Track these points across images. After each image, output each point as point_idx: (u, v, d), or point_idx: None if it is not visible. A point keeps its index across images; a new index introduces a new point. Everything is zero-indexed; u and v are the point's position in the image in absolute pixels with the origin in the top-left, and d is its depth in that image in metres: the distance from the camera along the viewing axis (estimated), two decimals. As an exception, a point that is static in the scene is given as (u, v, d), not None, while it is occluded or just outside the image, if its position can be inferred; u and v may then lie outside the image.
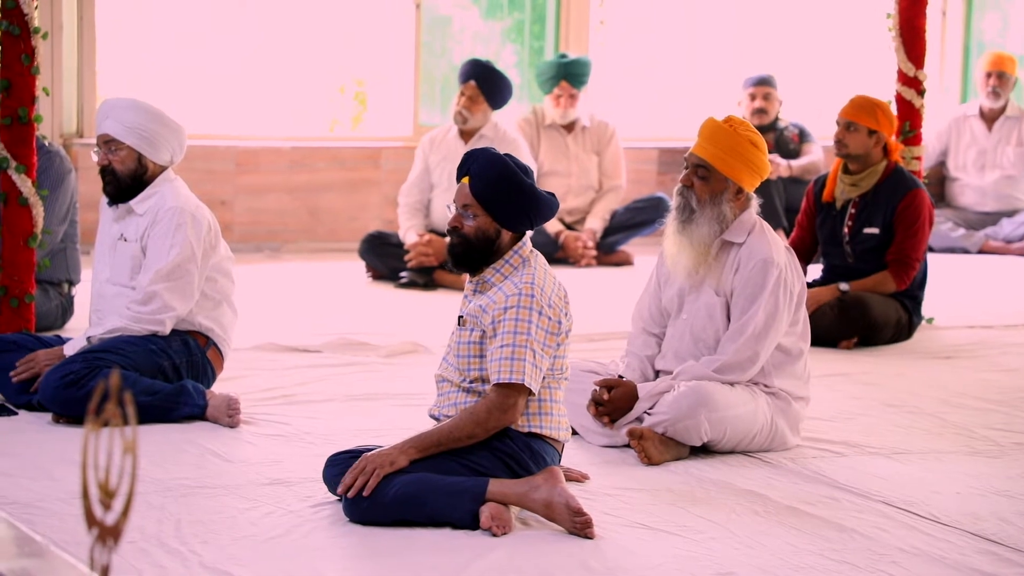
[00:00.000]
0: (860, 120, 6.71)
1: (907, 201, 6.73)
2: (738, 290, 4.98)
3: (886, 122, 6.75)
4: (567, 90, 9.09)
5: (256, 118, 9.80)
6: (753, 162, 5.00)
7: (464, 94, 8.36)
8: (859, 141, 6.74)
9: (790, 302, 5.01)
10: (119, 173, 5.32)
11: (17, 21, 5.91)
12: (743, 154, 4.99)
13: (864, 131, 6.73)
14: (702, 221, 4.99)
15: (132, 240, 5.34)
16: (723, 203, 4.99)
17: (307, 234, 9.50)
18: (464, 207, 4.34)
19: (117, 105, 5.35)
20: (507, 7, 10.36)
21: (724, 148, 4.98)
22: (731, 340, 4.96)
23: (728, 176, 4.99)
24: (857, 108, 6.74)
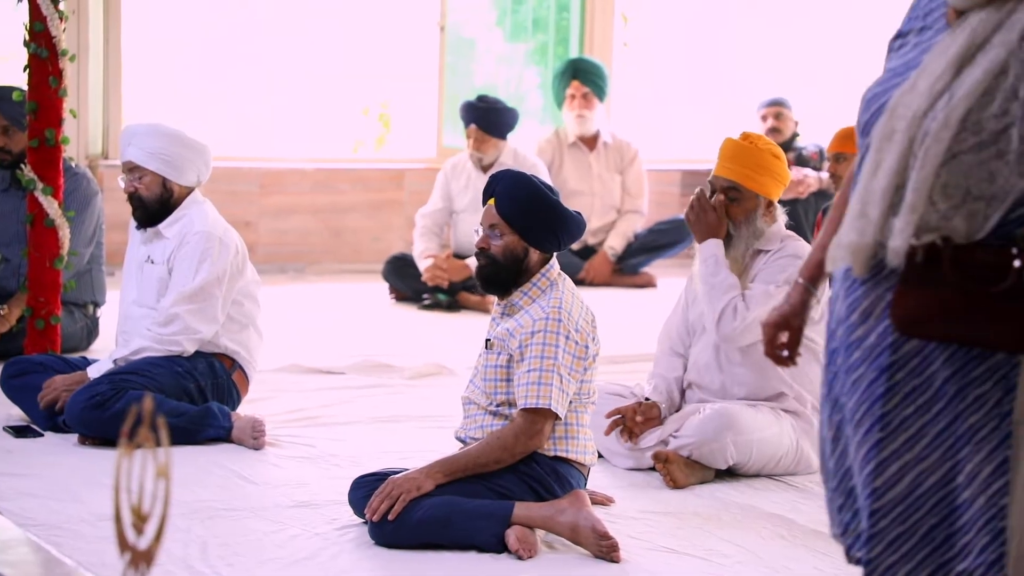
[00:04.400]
0: (848, 150, 6.69)
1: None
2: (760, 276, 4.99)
3: (858, 146, 6.72)
4: (579, 89, 9.10)
5: (280, 139, 9.83)
6: (777, 173, 5.05)
7: (470, 136, 8.41)
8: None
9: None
10: (145, 199, 5.33)
11: (45, 44, 5.94)
12: (768, 167, 5.01)
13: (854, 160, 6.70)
14: (739, 242, 5.03)
15: (159, 262, 5.36)
16: (757, 220, 5.02)
17: (331, 255, 9.52)
18: (491, 227, 4.35)
19: (138, 131, 5.37)
20: (531, 29, 10.38)
21: (749, 166, 5.00)
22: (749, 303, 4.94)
23: (758, 192, 5.01)
24: (843, 139, 6.71)
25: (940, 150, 2.58)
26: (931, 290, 2.59)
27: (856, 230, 2.67)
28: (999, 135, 2.56)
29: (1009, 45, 2.59)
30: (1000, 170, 2.57)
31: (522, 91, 10.43)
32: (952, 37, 2.66)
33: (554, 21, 10.34)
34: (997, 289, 2.56)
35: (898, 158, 2.63)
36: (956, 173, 2.58)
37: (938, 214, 2.58)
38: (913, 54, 2.76)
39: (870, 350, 2.70)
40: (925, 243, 2.58)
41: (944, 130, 2.58)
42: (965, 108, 2.57)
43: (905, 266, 2.60)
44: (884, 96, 2.74)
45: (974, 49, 2.62)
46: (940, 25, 2.76)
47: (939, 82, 2.62)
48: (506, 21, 10.35)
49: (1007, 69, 2.58)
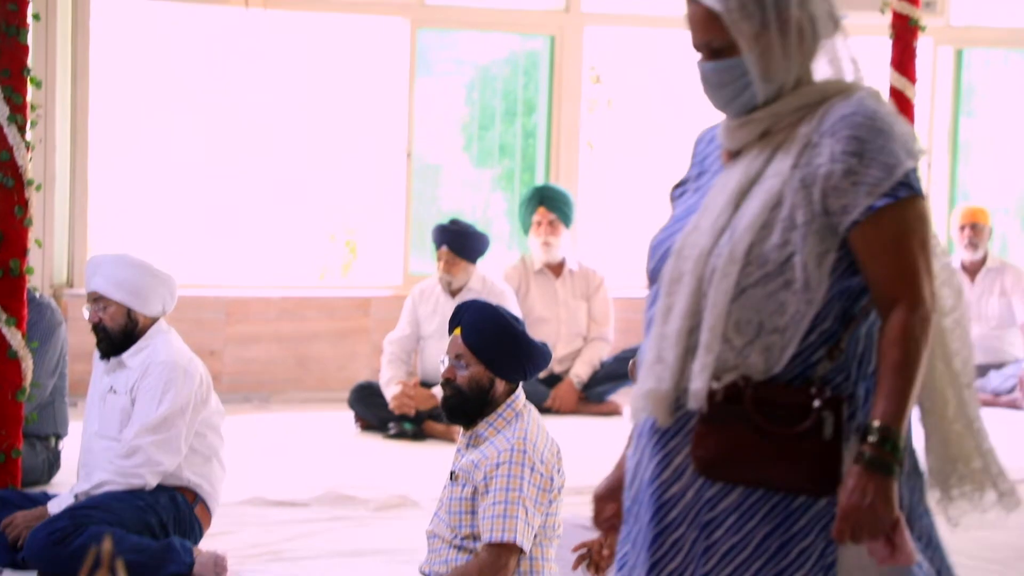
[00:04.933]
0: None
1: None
2: None
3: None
4: (545, 216, 9.13)
5: (247, 267, 9.83)
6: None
7: (441, 259, 8.44)
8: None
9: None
10: (110, 329, 5.31)
11: (12, 173, 5.94)
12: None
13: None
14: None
15: (122, 393, 5.32)
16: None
17: (296, 384, 9.47)
18: (457, 357, 4.34)
19: (104, 261, 5.36)
20: (497, 155, 10.44)
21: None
22: None
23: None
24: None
25: (729, 286, 2.59)
26: (733, 430, 2.57)
27: (654, 377, 2.66)
28: (784, 265, 2.58)
29: (782, 175, 2.62)
30: (789, 300, 2.58)
31: (488, 217, 10.47)
32: (728, 175, 2.70)
33: (520, 148, 10.41)
34: (798, 430, 2.55)
35: (689, 299, 2.64)
36: (747, 308, 2.59)
37: (735, 351, 2.59)
38: (694, 199, 2.79)
39: (688, 508, 2.64)
40: (726, 383, 2.58)
41: (730, 265, 2.60)
42: (748, 241, 2.60)
43: (707, 406, 2.59)
44: (669, 241, 2.75)
45: (749, 183, 2.66)
46: (716, 167, 2.79)
47: (720, 219, 2.65)
48: (472, 147, 10.42)
49: (782, 200, 2.61)
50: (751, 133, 2.70)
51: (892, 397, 2.57)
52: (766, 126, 2.68)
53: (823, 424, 2.56)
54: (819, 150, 2.62)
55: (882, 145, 2.60)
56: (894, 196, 2.59)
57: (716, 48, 2.68)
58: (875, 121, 2.62)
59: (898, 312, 2.59)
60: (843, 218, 2.59)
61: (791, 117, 2.67)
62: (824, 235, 2.60)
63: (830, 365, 2.60)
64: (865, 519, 2.53)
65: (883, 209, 2.58)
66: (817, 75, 2.70)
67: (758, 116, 2.68)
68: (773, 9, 2.64)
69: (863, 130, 2.61)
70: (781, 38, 2.65)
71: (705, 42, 2.70)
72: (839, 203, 2.59)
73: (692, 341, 2.63)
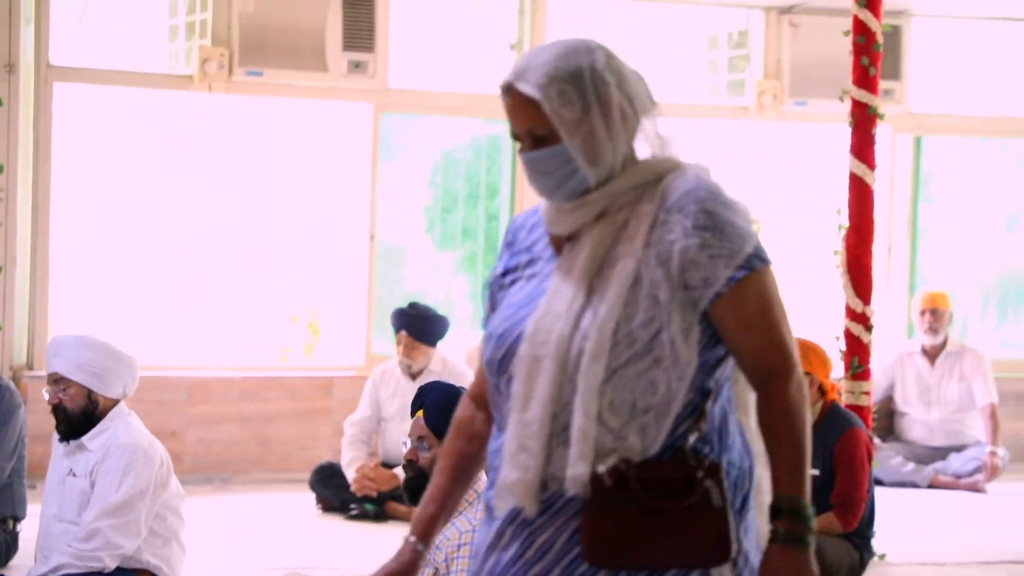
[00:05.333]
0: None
1: (843, 441, 6.74)
2: None
3: (818, 363, 6.78)
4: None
5: (208, 348, 9.80)
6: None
7: (400, 343, 8.45)
8: (791, 383, 6.78)
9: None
10: (70, 411, 5.30)
11: (-28, 256, 5.94)
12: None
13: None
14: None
15: (81, 476, 5.30)
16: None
17: (257, 465, 9.43)
18: (419, 439, 4.34)
19: (65, 343, 5.36)
20: (460, 238, 10.48)
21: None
22: None
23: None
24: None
25: (600, 368, 2.57)
26: (621, 515, 2.55)
27: (519, 468, 2.61)
28: (651, 343, 2.58)
29: (636, 254, 2.61)
30: (660, 378, 2.58)
31: (452, 299, 10.50)
32: (571, 258, 2.67)
33: (483, 230, 10.46)
34: (688, 503, 2.55)
35: (550, 385, 2.60)
36: (620, 389, 2.57)
37: (612, 434, 2.57)
38: (532, 285, 2.74)
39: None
40: (609, 467, 2.55)
41: (600, 347, 2.57)
42: (614, 321, 2.58)
43: (591, 493, 2.56)
44: (516, 329, 2.70)
45: (599, 264, 2.64)
46: (549, 254, 2.76)
47: (575, 302, 2.62)
48: (435, 230, 10.46)
49: (640, 278, 2.60)
50: (587, 215, 2.68)
51: (792, 470, 2.60)
52: (603, 207, 2.67)
53: (709, 494, 2.56)
54: (669, 227, 2.62)
55: (730, 218, 2.63)
56: (750, 267, 2.62)
57: (539, 136, 2.67)
58: (719, 195, 2.66)
59: (776, 383, 2.62)
60: (704, 291, 2.60)
61: (628, 196, 2.67)
62: (686, 310, 2.60)
63: (698, 436, 2.61)
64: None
65: (743, 280, 2.61)
66: (640, 153, 2.71)
67: (593, 198, 2.67)
68: (593, 94, 2.64)
69: (710, 204, 2.63)
70: (604, 121, 2.65)
71: (527, 130, 2.68)
72: (698, 276, 2.60)
73: (556, 426, 2.60)
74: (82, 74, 9.27)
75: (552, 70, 2.64)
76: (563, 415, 2.59)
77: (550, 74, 2.64)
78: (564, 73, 2.64)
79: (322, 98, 9.65)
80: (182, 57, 9.37)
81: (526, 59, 2.69)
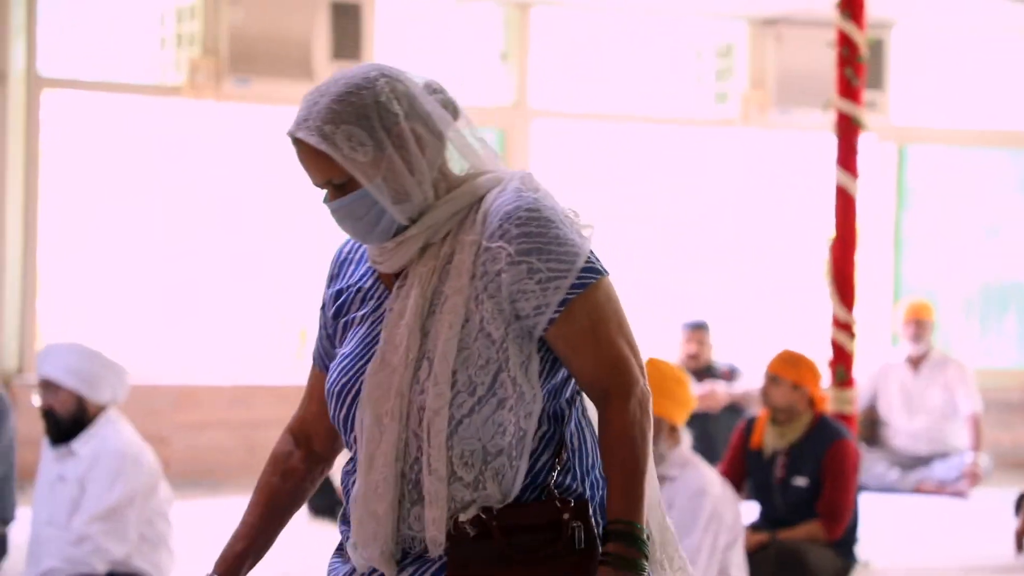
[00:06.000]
0: (784, 374, 6.82)
1: (832, 452, 6.81)
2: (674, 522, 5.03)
3: (809, 376, 6.85)
4: None
5: (197, 355, 9.84)
6: (680, 399, 5.15)
7: None
8: (783, 394, 6.85)
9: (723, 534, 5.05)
10: (60, 416, 5.35)
11: (-37, 262, 5.99)
12: (670, 392, 5.12)
13: (788, 385, 6.84)
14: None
15: (71, 481, 5.34)
16: (659, 443, 5.10)
17: (246, 471, 9.47)
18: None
19: (57, 349, 5.41)
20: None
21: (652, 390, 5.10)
22: None
23: (660, 416, 5.10)
24: (782, 362, 6.86)
25: (443, 424, 2.44)
26: (485, 565, 2.43)
27: (368, 535, 2.50)
28: (493, 385, 2.45)
29: (462, 291, 2.47)
30: (508, 419, 2.45)
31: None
32: (401, 300, 2.52)
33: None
34: (555, 550, 2.43)
35: (395, 444, 2.47)
36: (467, 439, 2.45)
37: (468, 487, 2.45)
38: (365, 329, 2.59)
39: None
40: (470, 517, 2.44)
41: (439, 402, 2.44)
42: (450, 372, 2.44)
43: (452, 546, 2.44)
44: (353, 385, 2.56)
45: (428, 305, 2.49)
46: (380, 291, 2.61)
47: (411, 351, 2.48)
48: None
49: (470, 316, 2.47)
50: (409, 251, 2.52)
51: (627, 494, 2.47)
52: (424, 240, 2.52)
53: (574, 536, 2.45)
54: (492, 254, 2.47)
55: (555, 235, 2.47)
56: (582, 285, 2.47)
57: (338, 184, 2.50)
58: (540, 211, 2.48)
59: (614, 404, 2.49)
60: (537, 319, 2.46)
61: (448, 224, 2.52)
62: (522, 342, 2.47)
63: (560, 468, 2.51)
64: None
65: (574, 301, 2.46)
66: (455, 168, 2.57)
67: (412, 233, 2.52)
68: (382, 130, 2.48)
69: (532, 224, 2.46)
70: (401, 155, 2.49)
71: (324, 181, 2.52)
72: (530, 305, 2.45)
73: (406, 484, 2.48)
74: (72, 83, 9.32)
75: (335, 115, 2.47)
76: (412, 471, 2.47)
77: (334, 119, 2.47)
78: (348, 115, 2.47)
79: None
80: (172, 66, 9.42)
81: (306, 105, 2.51)
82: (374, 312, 2.59)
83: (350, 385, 2.56)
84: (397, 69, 2.56)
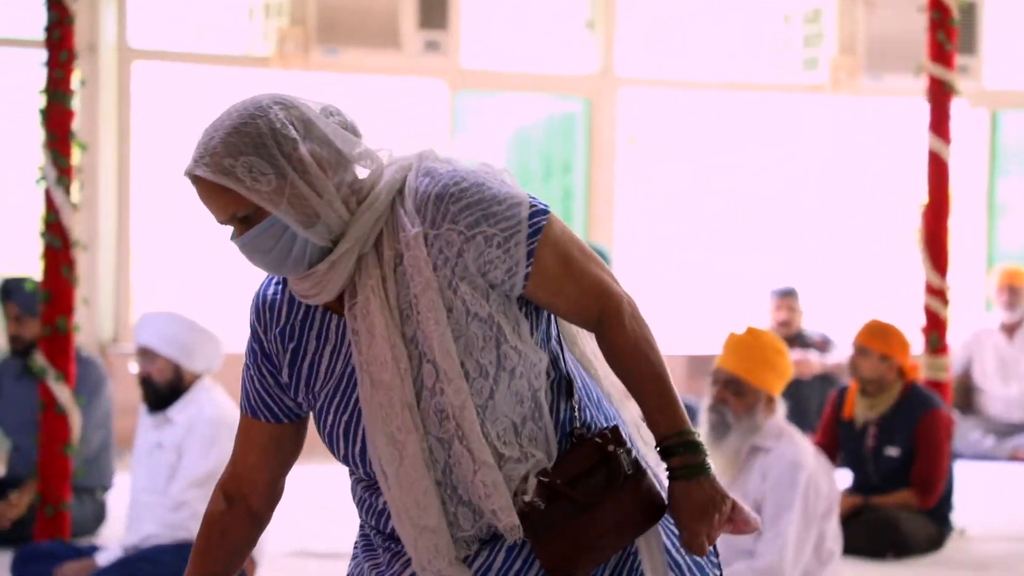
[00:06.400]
0: (872, 346, 6.77)
1: (924, 422, 6.77)
2: (768, 496, 5.01)
3: (898, 346, 6.80)
4: None
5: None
6: (780, 368, 5.11)
7: None
8: (871, 366, 6.80)
9: (819, 503, 5.03)
10: (157, 383, 5.40)
11: (59, 234, 6.05)
12: (770, 362, 5.08)
13: (876, 356, 6.79)
14: (736, 434, 5.07)
15: (168, 449, 5.40)
16: (757, 413, 5.07)
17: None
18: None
19: (155, 317, 5.47)
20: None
21: (752, 360, 5.07)
22: (770, 548, 4.97)
23: (760, 387, 5.08)
24: (869, 333, 6.81)
25: (472, 414, 2.43)
26: (564, 525, 2.45)
27: (430, 550, 2.48)
28: (499, 360, 2.45)
29: (431, 284, 2.44)
30: (521, 385, 2.46)
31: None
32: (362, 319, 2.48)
33: (558, 207, 10.48)
34: (617, 479, 2.46)
35: (419, 455, 2.45)
36: (495, 420, 2.45)
37: (517, 462, 2.46)
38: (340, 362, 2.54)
39: None
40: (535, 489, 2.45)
41: (459, 396, 2.43)
42: (457, 363, 2.43)
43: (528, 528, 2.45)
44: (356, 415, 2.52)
45: (397, 311, 2.46)
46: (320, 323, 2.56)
47: (400, 363, 2.45)
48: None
49: (451, 304, 2.44)
50: (346, 269, 2.47)
51: (663, 407, 2.51)
52: (357, 253, 2.47)
53: (622, 462, 2.47)
54: (444, 239, 2.45)
55: (492, 195, 2.46)
56: (538, 230, 2.46)
57: (244, 216, 2.46)
58: (465, 179, 2.47)
59: (609, 326, 2.51)
60: (513, 281, 2.46)
61: (375, 230, 2.48)
62: (506, 309, 2.47)
63: (577, 407, 2.54)
64: (712, 522, 2.49)
65: (538, 249, 2.45)
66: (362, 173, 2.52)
67: (344, 249, 2.46)
68: (282, 157, 2.43)
69: (466, 196, 2.45)
70: (304, 179, 2.44)
71: (229, 216, 2.47)
72: (500, 271, 2.45)
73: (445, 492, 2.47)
74: (162, 55, 9.39)
75: (232, 147, 2.42)
76: (446, 476, 2.47)
77: (231, 152, 2.42)
78: (245, 146, 2.42)
79: (399, 75, 9.73)
80: (260, 37, 9.47)
81: (202, 142, 2.45)
82: (326, 344, 2.54)
83: (353, 419, 2.52)
84: (290, 96, 2.50)
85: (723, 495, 2.50)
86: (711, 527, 2.49)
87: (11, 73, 9.10)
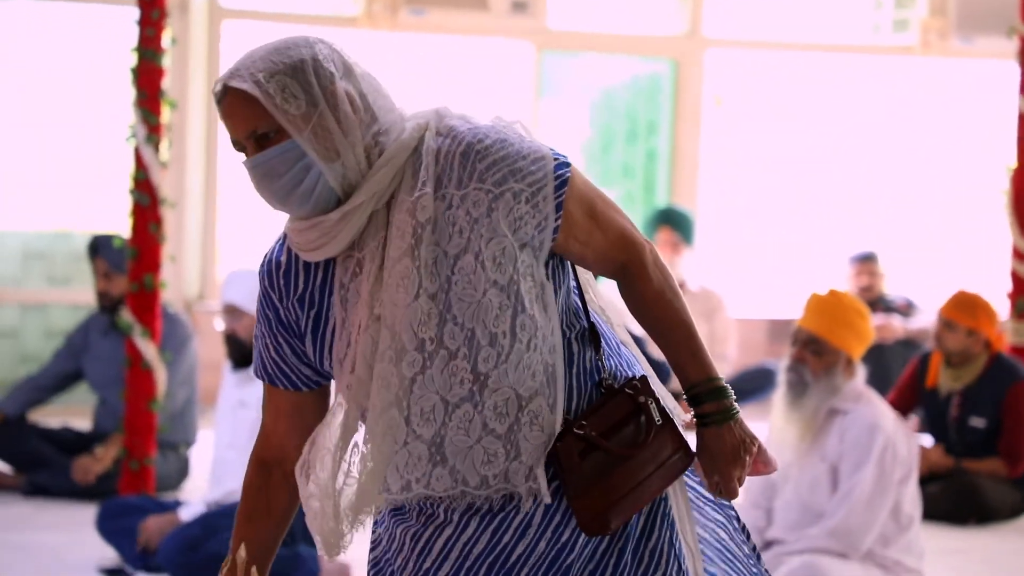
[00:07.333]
0: (959, 320, 6.71)
1: (1012, 393, 6.71)
2: (844, 457, 4.99)
3: (985, 319, 6.73)
4: (670, 236, 9.18)
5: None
6: (861, 331, 5.07)
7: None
8: (957, 340, 6.74)
9: (897, 468, 5.00)
10: (242, 340, 5.45)
11: (147, 191, 6.12)
12: (851, 324, 5.05)
13: (963, 330, 6.73)
14: (814, 394, 5.04)
15: (251, 405, 5.45)
16: (836, 375, 5.04)
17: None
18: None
19: (241, 275, 5.51)
20: (619, 176, 10.51)
21: (833, 320, 5.04)
22: (840, 506, 4.95)
23: (840, 348, 5.05)
24: (956, 307, 6.75)
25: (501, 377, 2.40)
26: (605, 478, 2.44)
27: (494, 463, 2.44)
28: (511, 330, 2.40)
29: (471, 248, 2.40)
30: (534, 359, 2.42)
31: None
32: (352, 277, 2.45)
33: (642, 169, 10.47)
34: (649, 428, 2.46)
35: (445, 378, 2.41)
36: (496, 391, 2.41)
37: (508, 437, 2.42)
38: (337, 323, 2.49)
39: None
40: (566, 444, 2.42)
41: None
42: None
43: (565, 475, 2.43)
44: None
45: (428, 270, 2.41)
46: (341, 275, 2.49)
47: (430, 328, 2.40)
48: (595, 168, 10.50)
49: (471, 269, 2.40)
50: (358, 222, 2.44)
51: (692, 354, 2.52)
52: (372, 207, 2.44)
53: (653, 413, 2.48)
54: (472, 199, 2.42)
55: (516, 151, 2.44)
56: (563, 182, 2.43)
57: (262, 134, 2.41)
58: (488, 136, 2.44)
59: (634, 274, 2.51)
60: (543, 236, 2.44)
61: (391, 187, 2.45)
62: (533, 271, 2.45)
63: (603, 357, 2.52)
64: (740, 465, 2.51)
65: (566, 201, 2.43)
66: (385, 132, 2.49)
67: (356, 202, 2.42)
68: (317, 86, 2.41)
69: (491, 153, 2.43)
70: (334, 114, 2.41)
71: (249, 132, 2.41)
72: (531, 227, 2.43)
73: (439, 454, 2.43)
74: (251, 14, 9.45)
75: (271, 65, 2.40)
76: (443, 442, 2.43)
77: (269, 69, 2.40)
78: (284, 67, 2.40)
79: (485, 35, 9.74)
80: (347, -3, 9.50)
81: (241, 59, 2.44)
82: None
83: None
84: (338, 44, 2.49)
85: (752, 437, 2.53)
86: (743, 470, 2.52)
87: (103, 31, 9.20)
